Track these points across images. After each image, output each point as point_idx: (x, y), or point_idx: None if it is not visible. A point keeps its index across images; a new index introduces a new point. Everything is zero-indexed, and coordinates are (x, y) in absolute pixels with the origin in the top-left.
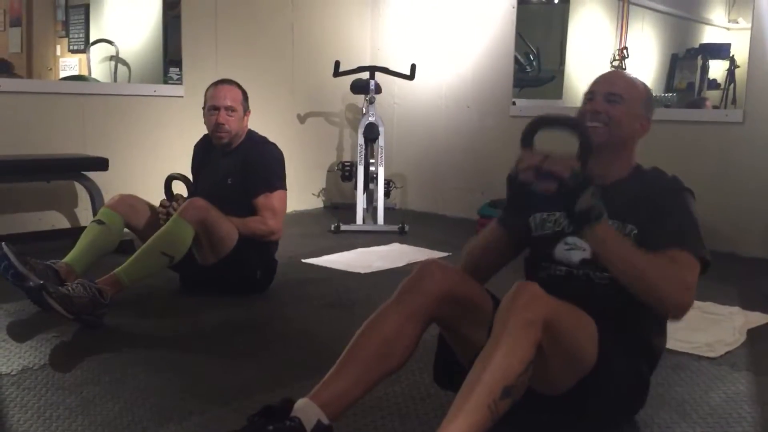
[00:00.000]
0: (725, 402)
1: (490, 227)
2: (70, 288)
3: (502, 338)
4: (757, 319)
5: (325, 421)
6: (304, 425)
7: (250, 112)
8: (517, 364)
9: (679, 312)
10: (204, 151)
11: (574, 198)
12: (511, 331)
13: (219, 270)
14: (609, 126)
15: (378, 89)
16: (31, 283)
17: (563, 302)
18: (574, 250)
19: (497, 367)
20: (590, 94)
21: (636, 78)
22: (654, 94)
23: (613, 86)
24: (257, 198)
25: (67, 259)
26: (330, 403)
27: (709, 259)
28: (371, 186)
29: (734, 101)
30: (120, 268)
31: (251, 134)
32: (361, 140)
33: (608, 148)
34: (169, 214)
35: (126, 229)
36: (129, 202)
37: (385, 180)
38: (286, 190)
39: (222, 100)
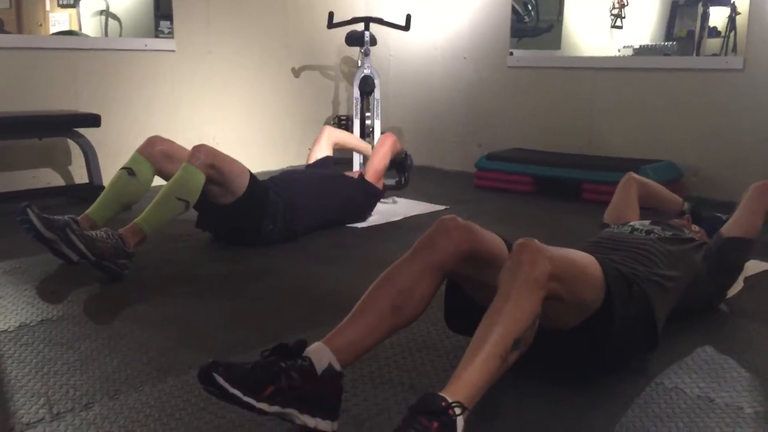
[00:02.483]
0: (721, 350)
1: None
2: (94, 233)
3: (511, 294)
4: (754, 267)
5: (337, 367)
6: (315, 367)
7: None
8: (525, 318)
9: None
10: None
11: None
12: (519, 287)
13: (233, 212)
14: None
15: (373, 41)
16: (50, 234)
17: (566, 250)
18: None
19: (508, 319)
20: None
21: None
22: (654, 43)
23: None
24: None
25: (89, 211)
26: (342, 350)
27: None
28: (367, 139)
29: (734, 49)
30: (139, 217)
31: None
32: (356, 93)
33: None
34: None
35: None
36: (162, 148)
37: (381, 133)
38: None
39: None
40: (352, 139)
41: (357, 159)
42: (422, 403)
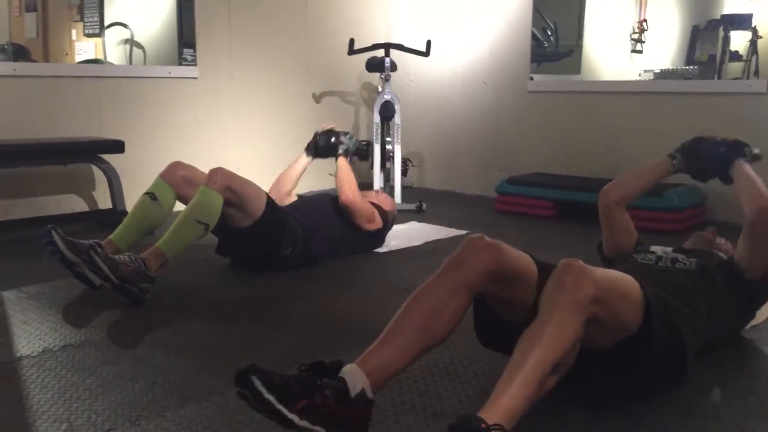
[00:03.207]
0: (753, 378)
1: (657, 161)
2: (118, 257)
3: (552, 316)
4: None
5: (369, 394)
6: (349, 389)
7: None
8: (566, 342)
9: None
10: None
11: (741, 146)
12: (561, 310)
13: (251, 236)
14: None
15: (393, 67)
16: (74, 257)
17: (607, 271)
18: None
19: (547, 343)
20: None
21: None
22: (674, 67)
23: None
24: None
25: (112, 236)
26: (375, 371)
27: None
28: (388, 165)
29: (756, 73)
30: (160, 241)
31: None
32: (377, 119)
33: None
34: None
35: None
36: (184, 174)
37: (401, 158)
38: (384, 223)
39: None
40: (290, 171)
41: (377, 179)
42: (462, 424)
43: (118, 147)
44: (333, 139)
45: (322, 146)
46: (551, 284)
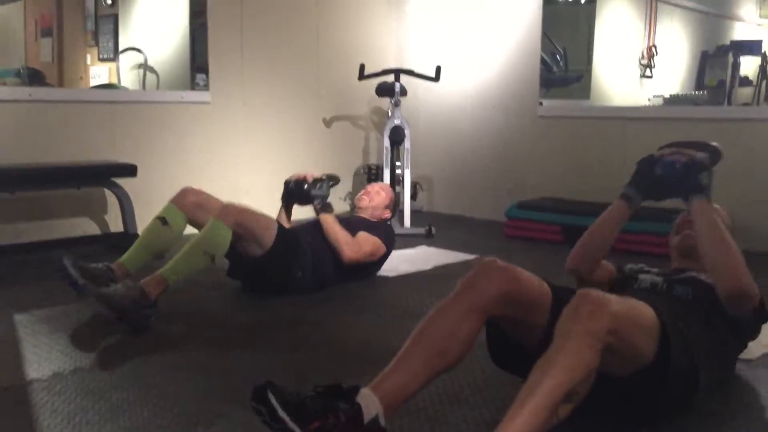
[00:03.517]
0: (763, 407)
1: (613, 205)
2: (113, 288)
3: (566, 345)
4: None
5: (382, 421)
6: (363, 414)
7: (391, 215)
8: (580, 371)
9: (743, 294)
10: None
11: (696, 172)
12: (576, 340)
13: (265, 261)
14: None
15: (403, 92)
16: (78, 284)
17: (625, 301)
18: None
19: (560, 372)
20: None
21: None
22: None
23: None
24: (358, 233)
25: (122, 259)
26: (388, 395)
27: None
28: (397, 188)
29: (766, 98)
30: (164, 268)
31: (385, 222)
32: (386, 143)
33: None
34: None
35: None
36: (195, 199)
37: (411, 182)
38: (383, 243)
39: (376, 186)
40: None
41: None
42: None
43: (131, 171)
44: (305, 187)
45: (295, 195)
46: (567, 313)
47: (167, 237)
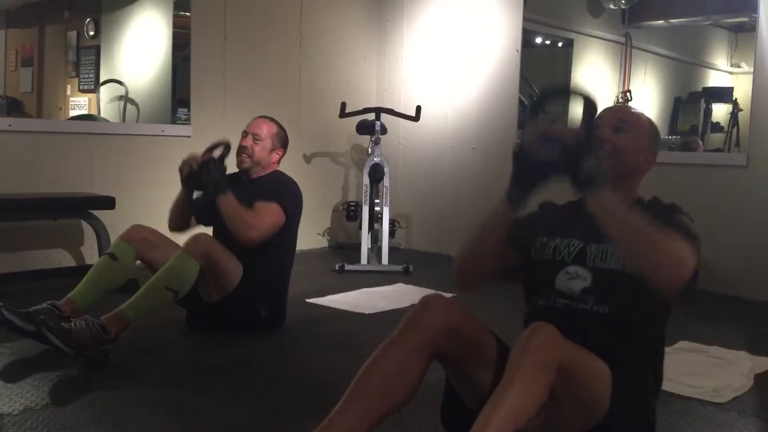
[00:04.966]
0: None
1: (494, 206)
2: (72, 324)
3: (514, 380)
4: (764, 364)
5: None
6: None
7: (282, 151)
8: (529, 407)
9: (673, 284)
10: (231, 182)
11: (578, 163)
12: (524, 373)
13: (223, 307)
14: (614, 155)
15: (383, 130)
16: (32, 326)
17: (579, 347)
18: (575, 279)
19: (508, 409)
20: (597, 122)
21: (642, 113)
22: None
23: (620, 116)
24: (256, 203)
25: (72, 294)
26: None
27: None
28: (376, 226)
29: (737, 144)
30: (125, 304)
31: (278, 173)
32: (366, 180)
33: (612, 178)
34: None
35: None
36: (144, 235)
37: (390, 220)
38: (284, 209)
39: (252, 128)
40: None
41: (365, 240)
42: None
43: (108, 203)
44: (194, 177)
45: (194, 184)
46: (517, 346)
47: (116, 272)
